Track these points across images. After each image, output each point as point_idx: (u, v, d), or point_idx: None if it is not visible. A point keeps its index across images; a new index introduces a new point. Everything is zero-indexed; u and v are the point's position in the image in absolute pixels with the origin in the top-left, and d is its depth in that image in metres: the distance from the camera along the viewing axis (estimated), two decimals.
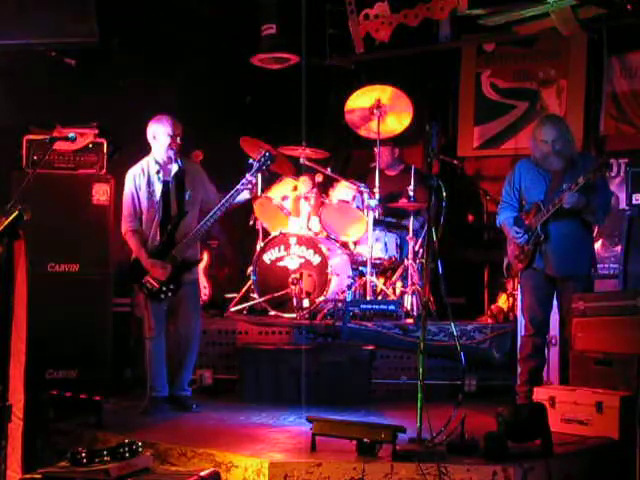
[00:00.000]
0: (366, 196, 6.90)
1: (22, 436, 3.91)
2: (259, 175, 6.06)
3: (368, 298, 6.73)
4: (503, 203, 5.53)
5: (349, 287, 6.66)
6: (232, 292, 7.33)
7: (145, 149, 5.55)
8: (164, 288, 5.38)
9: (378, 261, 7.03)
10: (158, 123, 5.47)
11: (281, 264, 6.77)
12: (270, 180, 7.27)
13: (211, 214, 5.42)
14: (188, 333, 5.53)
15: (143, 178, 5.48)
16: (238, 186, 5.41)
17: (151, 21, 6.98)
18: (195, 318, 5.60)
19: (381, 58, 7.15)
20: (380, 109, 7.15)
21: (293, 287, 6.55)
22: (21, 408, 3.89)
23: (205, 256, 7.39)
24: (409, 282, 6.88)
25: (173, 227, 5.40)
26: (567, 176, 5.20)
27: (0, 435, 3.57)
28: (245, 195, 5.50)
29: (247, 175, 5.43)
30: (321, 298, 6.58)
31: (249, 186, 5.44)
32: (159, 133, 5.46)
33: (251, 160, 5.58)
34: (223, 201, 5.41)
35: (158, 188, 5.46)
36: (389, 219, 7.20)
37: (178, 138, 5.45)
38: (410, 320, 6.60)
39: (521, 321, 5.66)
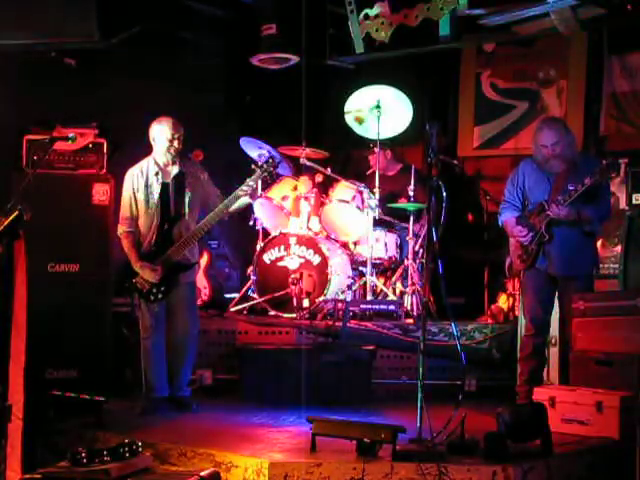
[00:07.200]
0: (366, 196, 6.90)
1: (22, 436, 3.91)
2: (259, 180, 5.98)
3: (368, 298, 6.73)
4: (505, 202, 5.52)
5: (349, 287, 6.66)
6: (232, 292, 7.33)
7: (145, 149, 5.54)
8: (154, 290, 5.38)
9: (378, 261, 7.02)
10: (158, 125, 5.44)
11: (281, 264, 6.77)
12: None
13: (208, 218, 5.39)
14: (186, 334, 5.53)
15: (141, 179, 5.46)
16: (238, 191, 5.35)
17: (151, 21, 6.97)
18: (192, 319, 5.60)
19: (381, 58, 7.13)
20: (380, 109, 7.16)
21: (293, 287, 6.54)
22: (21, 408, 3.89)
23: (205, 256, 7.40)
24: (409, 282, 6.87)
25: (169, 228, 5.39)
26: (570, 177, 5.20)
27: (0, 435, 3.58)
28: (246, 200, 5.44)
29: (248, 180, 5.37)
30: (321, 298, 6.58)
31: (249, 191, 5.37)
32: (159, 135, 5.43)
33: (254, 165, 5.49)
34: (221, 206, 5.38)
35: (156, 190, 5.44)
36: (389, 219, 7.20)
37: (177, 141, 5.41)
38: (410, 320, 6.60)
39: (521, 321, 5.66)
